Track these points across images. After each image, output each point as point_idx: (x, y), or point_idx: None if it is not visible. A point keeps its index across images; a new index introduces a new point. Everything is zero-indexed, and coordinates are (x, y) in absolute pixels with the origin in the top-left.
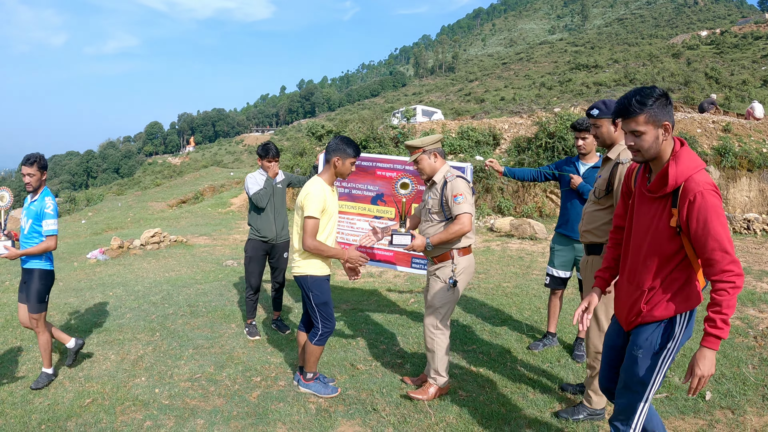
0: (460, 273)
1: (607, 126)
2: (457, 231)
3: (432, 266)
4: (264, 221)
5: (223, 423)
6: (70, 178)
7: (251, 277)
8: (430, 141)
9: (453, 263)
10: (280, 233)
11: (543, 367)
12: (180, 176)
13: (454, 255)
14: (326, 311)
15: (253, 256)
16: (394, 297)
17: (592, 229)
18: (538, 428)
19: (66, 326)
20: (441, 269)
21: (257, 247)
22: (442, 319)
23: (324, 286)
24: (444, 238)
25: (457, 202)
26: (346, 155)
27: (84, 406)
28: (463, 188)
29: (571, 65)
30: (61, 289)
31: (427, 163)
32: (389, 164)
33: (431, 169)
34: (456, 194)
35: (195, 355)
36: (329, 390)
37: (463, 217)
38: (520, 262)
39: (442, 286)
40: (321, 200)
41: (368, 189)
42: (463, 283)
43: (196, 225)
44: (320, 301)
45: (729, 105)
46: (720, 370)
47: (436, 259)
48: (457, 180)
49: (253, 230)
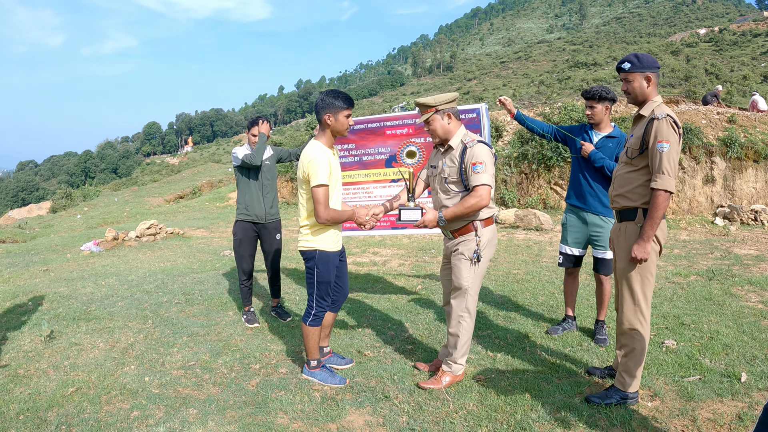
0: (485, 246)
1: (640, 81)
2: (474, 205)
3: (451, 241)
4: (252, 198)
5: (217, 413)
6: (68, 179)
7: (242, 261)
8: (444, 99)
9: (477, 236)
10: (269, 212)
11: (565, 352)
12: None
13: (478, 226)
14: (325, 290)
15: (243, 238)
16: (401, 283)
17: (624, 193)
18: (567, 414)
19: (54, 315)
20: (464, 243)
21: (246, 228)
22: (471, 300)
23: (331, 263)
24: (459, 212)
25: (475, 171)
26: (336, 108)
27: (67, 396)
28: (485, 156)
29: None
30: (51, 279)
31: (439, 124)
32: (398, 120)
33: (444, 132)
34: (476, 162)
35: (189, 342)
36: (336, 380)
37: (481, 189)
38: (528, 250)
39: (467, 262)
40: (325, 164)
41: (379, 152)
42: (487, 257)
43: (194, 219)
44: (324, 279)
45: (731, 99)
46: (751, 353)
47: (457, 233)
48: (478, 146)
49: (240, 209)
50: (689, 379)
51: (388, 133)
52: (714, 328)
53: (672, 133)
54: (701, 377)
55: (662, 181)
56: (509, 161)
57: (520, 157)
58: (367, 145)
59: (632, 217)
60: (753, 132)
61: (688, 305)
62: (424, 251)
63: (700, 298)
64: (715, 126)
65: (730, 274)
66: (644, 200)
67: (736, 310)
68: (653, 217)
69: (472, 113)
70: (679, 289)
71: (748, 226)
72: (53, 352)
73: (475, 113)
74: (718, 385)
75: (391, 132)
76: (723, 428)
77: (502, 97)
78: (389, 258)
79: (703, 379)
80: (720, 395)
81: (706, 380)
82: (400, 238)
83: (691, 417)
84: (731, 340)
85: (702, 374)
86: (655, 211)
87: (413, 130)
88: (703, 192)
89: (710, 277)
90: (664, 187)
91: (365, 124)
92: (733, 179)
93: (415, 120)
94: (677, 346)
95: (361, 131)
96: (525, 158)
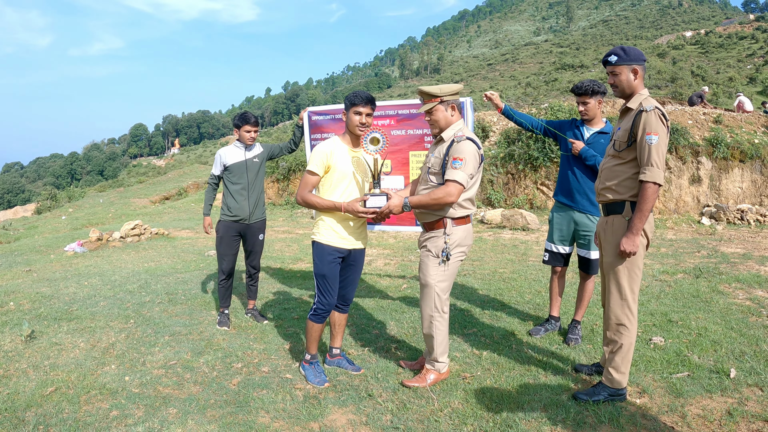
0: (454, 245)
1: (627, 73)
2: (440, 198)
3: (423, 235)
4: (237, 198)
5: (198, 412)
6: (53, 180)
7: (223, 260)
8: (450, 90)
9: (445, 233)
10: (253, 212)
11: (551, 349)
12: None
13: (448, 224)
14: (323, 285)
15: (224, 236)
16: (385, 283)
17: (612, 186)
18: (555, 411)
19: (35, 315)
20: (432, 240)
21: (229, 226)
22: (439, 299)
23: (326, 257)
24: (423, 202)
25: (453, 166)
26: (348, 107)
27: (46, 396)
28: (467, 153)
29: (557, 65)
30: (34, 279)
31: (443, 115)
32: (380, 111)
33: (447, 123)
34: (456, 157)
35: (171, 342)
36: (318, 380)
37: (451, 185)
38: (515, 250)
39: (434, 260)
40: (322, 155)
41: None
42: (458, 257)
43: (179, 219)
44: (318, 271)
45: (717, 100)
46: (740, 349)
47: (427, 225)
48: (465, 142)
49: (224, 208)
50: (678, 376)
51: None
52: (702, 324)
53: (660, 126)
54: (690, 374)
55: (651, 173)
56: (496, 161)
57: (506, 158)
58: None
59: (620, 211)
60: (739, 132)
61: (675, 302)
62: (410, 251)
63: (687, 296)
64: (701, 126)
65: (718, 272)
66: (632, 193)
67: (723, 307)
68: (642, 210)
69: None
70: (667, 287)
71: (735, 226)
72: (33, 352)
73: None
74: (707, 381)
75: (374, 122)
76: (713, 424)
77: (488, 92)
78: (375, 257)
79: (691, 376)
80: (709, 391)
81: (695, 376)
82: (386, 238)
83: (680, 413)
84: (719, 337)
85: (690, 371)
86: (644, 203)
87: (395, 122)
88: (689, 192)
89: (697, 275)
90: (653, 179)
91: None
92: (719, 179)
93: (398, 111)
94: (665, 342)
95: (341, 121)
96: (511, 158)
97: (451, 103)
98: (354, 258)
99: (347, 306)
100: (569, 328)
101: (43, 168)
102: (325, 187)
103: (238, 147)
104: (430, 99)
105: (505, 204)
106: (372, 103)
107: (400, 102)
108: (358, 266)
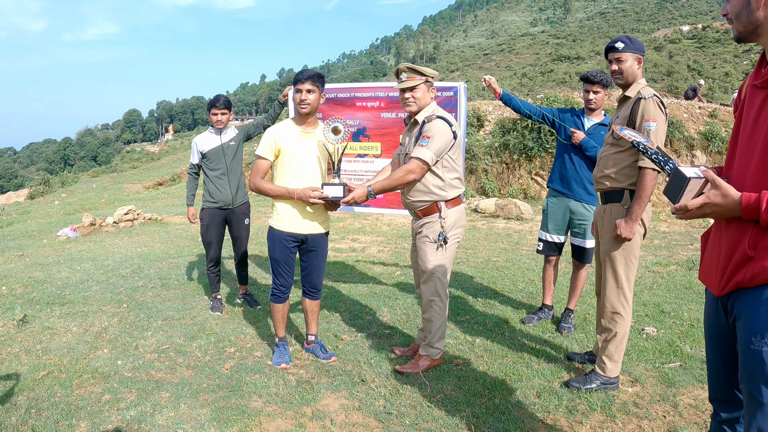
0: (451, 227)
1: (632, 61)
2: (401, 178)
3: (416, 222)
4: (217, 184)
5: (190, 396)
6: (47, 166)
7: (209, 247)
8: (435, 74)
9: (441, 217)
10: (235, 196)
11: (544, 337)
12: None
13: (442, 207)
14: (275, 268)
15: (210, 223)
16: (378, 270)
17: (610, 174)
18: (547, 398)
19: (27, 299)
20: (428, 225)
21: (214, 213)
22: (441, 283)
23: (278, 242)
24: (387, 186)
25: (420, 144)
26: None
27: (38, 380)
28: (437, 131)
29: (553, 57)
30: (26, 264)
31: (423, 94)
32: (370, 92)
33: (424, 103)
34: (425, 135)
35: (164, 326)
36: (276, 360)
37: (413, 162)
38: (509, 239)
39: (432, 245)
40: (270, 139)
41: (348, 125)
42: (456, 238)
43: (173, 205)
44: (271, 255)
45: (712, 95)
46: None
47: (420, 212)
48: (435, 121)
49: (206, 196)
50: (670, 366)
51: (359, 105)
52: (694, 316)
53: (659, 113)
54: (682, 364)
55: None
56: (490, 151)
57: (501, 147)
58: (334, 117)
59: (618, 199)
60: None
61: (668, 293)
62: (404, 238)
63: (680, 287)
64: (696, 120)
65: None
66: (631, 181)
67: None
68: (641, 197)
69: (449, 91)
70: (659, 278)
71: None
72: (26, 336)
73: (452, 92)
74: (699, 372)
75: (362, 104)
76: (705, 414)
77: (486, 77)
78: (368, 244)
79: (684, 366)
80: (701, 381)
81: (687, 367)
82: (379, 225)
83: (672, 403)
84: None
85: (683, 361)
86: (643, 190)
87: (385, 104)
88: None
89: (690, 267)
90: (653, 165)
91: (335, 93)
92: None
93: (389, 93)
94: (657, 333)
95: (330, 101)
96: (506, 148)
97: (432, 86)
98: (314, 243)
99: (318, 292)
100: (562, 317)
101: (36, 153)
102: (278, 170)
103: (212, 133)
104: (419, 76)
105: (499, 194)
106: (313, 79)
107: (390, 84)
108: (321, 251)
